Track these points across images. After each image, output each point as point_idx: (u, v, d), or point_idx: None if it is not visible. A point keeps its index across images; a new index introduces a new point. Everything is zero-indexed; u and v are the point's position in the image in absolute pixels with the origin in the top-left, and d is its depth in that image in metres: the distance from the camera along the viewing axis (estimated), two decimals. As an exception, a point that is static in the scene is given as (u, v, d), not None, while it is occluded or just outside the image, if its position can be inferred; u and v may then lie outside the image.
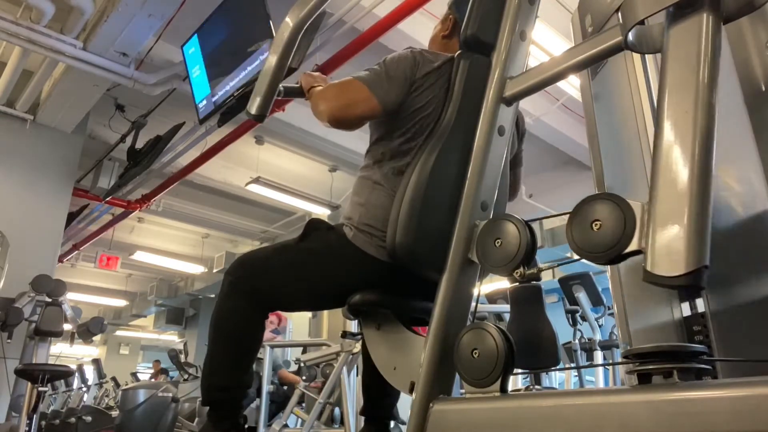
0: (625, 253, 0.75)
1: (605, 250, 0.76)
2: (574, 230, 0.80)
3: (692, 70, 0.75)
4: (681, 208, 0.70)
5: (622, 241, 0.75)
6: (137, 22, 3.91)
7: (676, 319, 1.05)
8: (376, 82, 1.30)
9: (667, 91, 0.76)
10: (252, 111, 1.36)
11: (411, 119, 1.33)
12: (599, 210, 0.78)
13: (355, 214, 1.35)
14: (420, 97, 1.32)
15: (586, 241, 0.78)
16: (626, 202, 0.76)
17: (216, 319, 1.38)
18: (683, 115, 0.74)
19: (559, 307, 4.38)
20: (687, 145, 0.72)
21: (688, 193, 0.70)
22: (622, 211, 0.76)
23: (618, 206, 0.76)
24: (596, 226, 0.77)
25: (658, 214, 0.72)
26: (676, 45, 0.78)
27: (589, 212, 0.79)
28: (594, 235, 0.77)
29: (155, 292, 11.81)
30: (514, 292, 2.50)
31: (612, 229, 0.76)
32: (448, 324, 1.02)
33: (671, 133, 0.74)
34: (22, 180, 5.32)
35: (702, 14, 0.76)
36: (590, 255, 0.78)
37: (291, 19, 1.32)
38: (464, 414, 0.91)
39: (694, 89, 0.74)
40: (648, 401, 0.68)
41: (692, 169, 0.71)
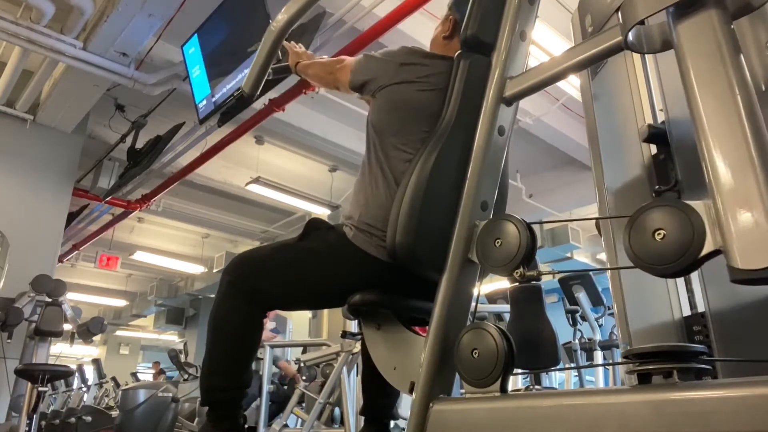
0: (702, 257, 0.70)
1: (676, 259, 0.71)
2: (634, 243, 0.74)
3: (717, 60, 0.74)
4: (751, 197, 0.67)
5: (694, 245, 0.70)
6: (137, 22, 3.91)
7: (676, 319, 1.05)
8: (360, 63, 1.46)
9: (696, 86, 0.75)
10: (246, 89, 1.58)
11: (411, 119, 1.33)
12: (659, 218, 0.73)
13: (355, 214, 1.35)
14: (420, 96, 1.33)
15: (650, 253, 0.73)
16: (687, 205, 0.72)
17: (214, 319, 1.38)
18: (723, 104, 0.72)
19: (559, 307, 4.38)
20: (736, 133, 0.70)
21: (755, 181, 0.67)
22: (686, 214, 0.71)
23: (680, 210, 0.72)
24: (659, 236, 0.73)
25: (732, 209, 0.69)
26: (691, 41, 0.77)
27: (648, 223, 0.74)
28: (659, 246, 0.72)
29: (155, 292, 11.81)
30: (514, 292, 2.50)
31: (680, 236, 0.71)
32: (448, 324, 1.02)
33: (716, 125, 0.72)
34: (22, 180, 5.33)
35: (710, 10, 0.76)
36: (658, 268, 0.73)
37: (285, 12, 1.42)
38: (464, 414, 0.90)
39: (725, 78, 0.72)
40: (648, 401, 0.68)
41: (750, 156, 0.68)
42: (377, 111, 1.40)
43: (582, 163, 6.01)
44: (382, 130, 1.39)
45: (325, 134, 5.84)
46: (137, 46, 4.29)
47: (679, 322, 1.05)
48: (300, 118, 5.49)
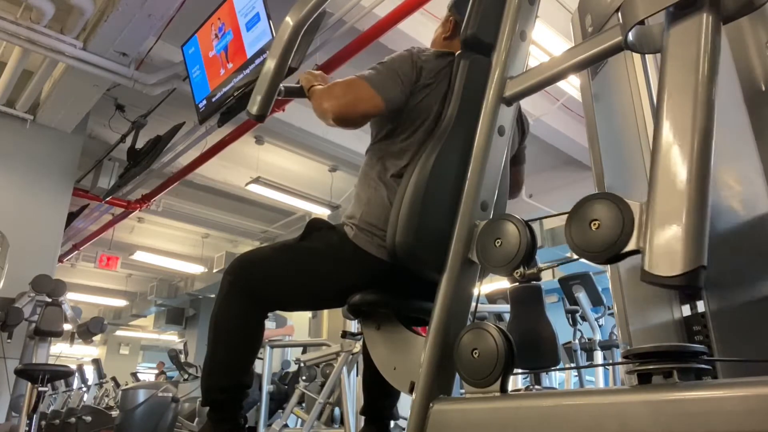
0: (623, 252, 0.75)
1: (603, 250, 0.76)
2: (573, 230, 0.80)
3: (691, 70, 0.75)
4: (679, 208, 0.70)
5: (620, 240, 0.75)
6: (137, 22, 3.90)
7: (676, 319, 1.05)
8: (379, 80, 1.30)
9: (666, 91, 0.76)
10: (252, 111, 1.37)
11: (412, 119, 1.33)
12: (598, 209, 0.78)
13: (356, 214, 1.35)
14: (421, 96, 1.33)
15: (584, 240, 0.78)
16: (625, 202, 0.76)
17: (215, 320, 1.38)
18: (682, 115, 0.74)
19: (559, 307, 4.38)
20: (686, 144, 0.72)
21: (687, 193, 0.70)
22: (621, 210, 0.76)
23: (616, 206, 0.76)
24: (594, 226, 0.78)
25: (657, 214, 0.72)
26: (676, 45, 0.78)
27: (588, 212, 0.79)
28: (592, 235, 0.78)
29: (155, 292, 11.80)
30: (514, 292, 2.50)
31: (610, 228, 0.76)
32: (448, 324, 1.02)
33: (670, 133, 0.74)
34: (22, 180, 5.32)
35: (702, 14, 0.76)
36: (588, 254, 0.78)
37: (291, 19, 1.32)
38: (464, 414, 0.91)
39: (693, 89, 0.74)
40: (648, 401, 0.68)
41: (691, 169, 0.71)
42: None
43: (582, 163, 6.00)
44: (383, 130, 1.39)
45: (325, 134, 5.84)
46: (137, 46, 4.29)
47: (679, 322, 1.05)
48: (300, 118, 5.49)
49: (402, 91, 1.32)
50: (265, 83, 1.35)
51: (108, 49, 4.22)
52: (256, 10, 3.53)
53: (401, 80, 1.32)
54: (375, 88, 1.29)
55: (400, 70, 1.32)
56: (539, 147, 5.61)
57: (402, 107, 1.33)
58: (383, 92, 1.29)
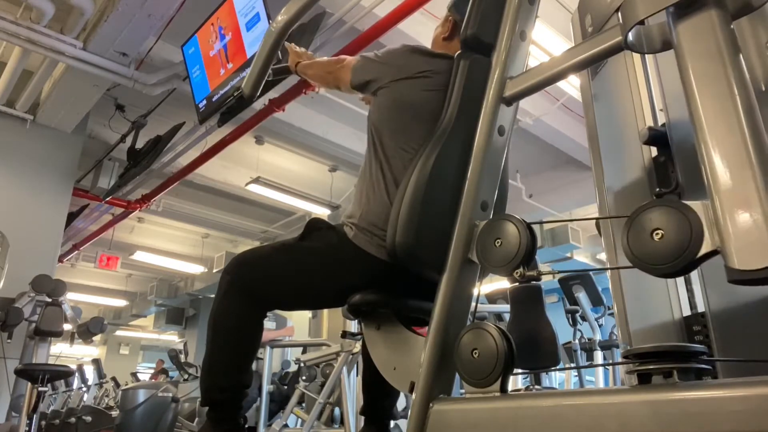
0: (699, 257, 0.70)
1: (675, 260, 0.71)
2: (633, 243, 0.74)
3: (717, 60, 0.74)
4: (750, 197, 0.67)
5: (692, 246, 0.70)
6: (137, 22, 3.91)
7: (676, 319, 1.05)
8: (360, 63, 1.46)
9: (695, 84, 0.75)
10: (246, 90, 1.59)
11: (411, 119, 1.33)
12: (657, 219, 0.73)
13: (356, 213, 1.35)
14: (420, 96, 1.33)
15: (648, 253, 0.73)
16: (686, 206, 0.72)
17: (214, 319, 1.38)
18: (722, 103, 0.72)
19: (559, 307, 4.38)
20: (735, 134, 0.70)
21: (753, 180, 0.67)
22: (684, 215, 0.72)
23: (678, 211, 0.72)
24: (657, 236, 0.73)
25: (728, 209, 0.68)
26: (691, 41, 0.77)
27: (647, 222, 0.74)
28: (657, 246, 0.73)
29: (155, 292, 11.80)
30: (514, 292, 2.50)
31: (677, 236, 0.71)
32: (448, 324, 1.02)
33: (716, 125, 0.72)
34: (22, 180, 5.32)
35: (710, 11, 0.76)
36: (656, 268, 0.73)
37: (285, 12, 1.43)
38: (464, 414, 0.90)
39: (725, 78, 0.72)
40: (648, 401, 0.68)
41: (749, 158, 0.68)
42: (378, 110, 1.40)
43: (582, 163, 6.01)
44: (383, 130, 1.39)
45: (325, 134, 5.84)
46: (137, 46, 4.29)
47: (679, 322, 1.05)
48: (300, 118, 5.49)
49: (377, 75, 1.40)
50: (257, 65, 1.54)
51: (108, 49, 4.23)
52: (256, 10, 3.53)
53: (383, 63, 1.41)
54: (352, 74, 1.46)
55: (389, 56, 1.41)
56: (539, 147, 5.61)
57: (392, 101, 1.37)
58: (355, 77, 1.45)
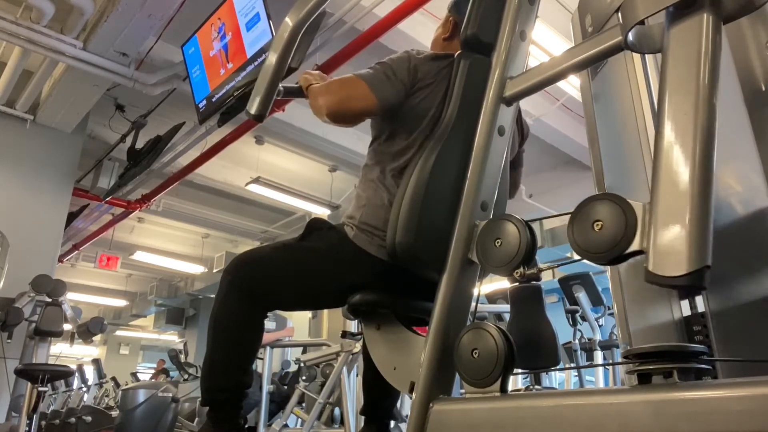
0: (627, 253, 0.74)
1: (606, 251, 0.76)
2: (576, 230, 0.80)
3: (692, 70, 0.75)
4: (682, 208, 0.70)
5: (623, 241, 0.75)
6: (137, 22, 3.90)
7: (676, 319, 1.05)
8: (375, 79, 1.31)
9: (667, 91, 0.76)
10: (251, 111, 1.36)
11: (411, 119, 1.33)
12: (600, 210, 0.78)
13: (356, 214, 1.35)
14: (420, 97, 1.33)
15: (587, 241, 0.78)
16: (627, 203, 0.76)
17: (215, 319, 1.38)
18: (683, 115, 0.74)
19: (559, 307, 4.38)
20: (688, 145, 0.72)
21: (690, 193, 0.70)
22: (624, 211, 0.76)
23: (619, 206, 0.76)
24: (597, 227, 0.77)
25: (660, 214, 0.71)
26: (676, 45, 0.78)
27: (591, 212, 0.78)
28: (595, 236, 0.77)
29: (155, 292, 11.80)
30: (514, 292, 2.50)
31: (613, 229, 0.76)
32: (448, 324, 1.02)
33: (672, 133, 0.74)
34: (22, 180, 5.32)
35: (702, 14, 0.76)
36: (591, 255, 0.78)
37: (291, 19, 1.32)
38: (464, 414, 0.90)
39: (695, 89, 0.74)
40: (648, 401, 0.68)
41: (693, 169, 0.70)
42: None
43: (582, 163, 6.00)
44: (384, 130, 1.39)
45: (325, 134, 5.84)
46: (137, 46, 4.29)
47: (679, 322, 1.05)
48: (300, 118, 5.49)
49: (397, 91, 1.31)
50: (264, 83, 1.34)
51: (108, 49, 4.22)
52: (256, 10, 3.53)
53: (397, 81, 1.31)
54: (370, 87, 1.29)
55: (397, 71, 1.32)
56: (539, 147, 5.61)
57: (396, 108, 1.33)
58: (378, 92, 1.29)
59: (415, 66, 1.34)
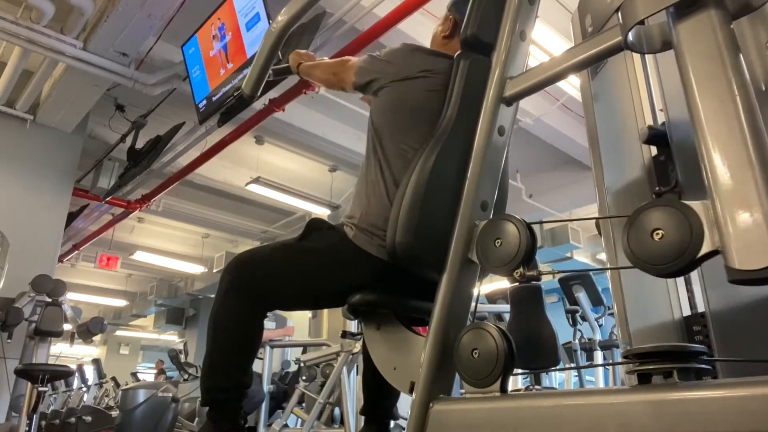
0: (700, 257, 0.70)
1: (674, 259, 0.71)
2: (633, 243, 0.74)
3: (716, 60, 0.74)
4: (750, 198, 0.67)
5: (692, 246, 0.70)
6: (137, 22, 3.90)
7: (676, 319, 1.05)
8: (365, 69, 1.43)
9: (695, 84, 0.75)
10: (246, 90, 1.57)
11: (411, 119, 1.33)
12: (657, 218, 0.73)
13: (356, 214, 1.35)
14: (421, 96, 1.33)
15: (649, 253, 0.73)
16: (685, 205, 0.72)
17: (214, 319, 1.38)
18: (721, 105, 0.72)
19: (559, 307, 4.38)
20: (735, 134, 0.70)
21: (753, 180, 0.67)
22: (684, 215, 0.71)
23: (678, 211, 0.72)
24: (657, 236, 0.73)
25: (729, 209, 0.68)
26: (691, 41, 0.77)
27: (647, 222, 0.74)
28: (657, 246, 0.72)
29: (155, 292, 11.80)
30: (514, 292, 2.50)
31: (677, 235, 0.71)
32: (448, 324, 1.02)
33: (716, 124, 0.72)
34: (22, 180, 5.32)
35: (709, 11, 0.76)
36: (656, 268, 0.73)
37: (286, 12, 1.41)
38: (464, 414, 0.90)
39: (725, 79, 0.72)
40: (648, 401, 0.68)
41: (749, 157, 0.68)
42: (378, 110, 1.40)
43: (582, 163, 6.00)
44: (383, 130, 1.39)
45: (325, 134, 5.84)
46: (137, 46, 4.29)
47: (679, 322, 1.05)
48: (300, 118, 5.49)
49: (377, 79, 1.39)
50: (257, 65, 1.53)
51: (108, 49, 4.22)
52: (256, 10, 3.53)
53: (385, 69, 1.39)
54: (356, 75, 1.44)
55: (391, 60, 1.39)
56: (539, 147, 5.61)
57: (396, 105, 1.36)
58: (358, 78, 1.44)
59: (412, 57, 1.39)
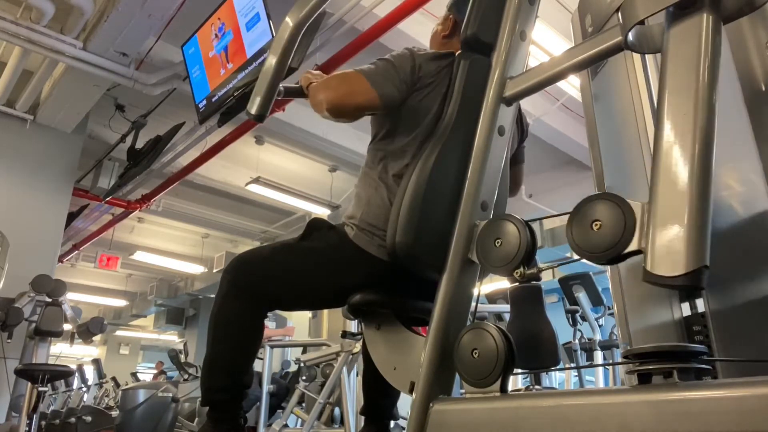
0: (625, 253, 0.74)
1: (605, 250, 0.76)
2: (574, 230, 0.80)
3: (692, 70, 0.75)
4: (681, 208, 0.70)
5: (621, 241, 0.75)
6: (137, 22, 3.90)
7: (676, 319, 1.05)
8: (377, 75, 1.30)
9: (667, 91, 0.76)
10: (252, 111, 1.35)
11: (412, 119, 1.33)
12: (599, 210, 0.78)
13: (356, 214, 1.35)
14: (420, 96, 1.33)
15: (586, 241, 0.78)
16: (626, 202, 0.76)
17: (215, 319, 1.38)
18: (683, 115, 0.74)
19: (559, 307, 4.38)
20: (687, 145, 0.72)
21: (688, 193, 0.70)
22: (622, 210, 0.76)
23: (618, 206, 0.76)
24: (596, 226, 0.77)
25: (658, 214, 0.72)
26: (676, 45, 0.78)
27: (589, 212, 0.79)
28: (594, 235, 0.77)
29: (155, 292, 11.80)
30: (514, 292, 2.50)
31: (612, 229, 0.76)
32: (448, 324, 1.02)
33: (671, 134, 0.74)
34: (22, 180, 5.32)
35: (702, 14, 0.76)
36: (590, 255, 0.78)
37: (291, 19, 1.32)
38: (464, 414, 0.90)
39: (694, 90, 0.74)
40: (648, 401, 0.68)
41: (692, 169, 0.71)
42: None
43: (582, 163, 6.00)
44: (384, 130, 1.39)
45: (325, 134, 5.84)
46: (137, 46, 4.29)
47: (679, 322, 1.05)
48: (300, 118, 5.49)
49: (398, 89, 1.31)
50: (264, 83, 1.33)
51: (108, 49, 4.22)
52: (256, 10, 3.53)
53: (399, 78, 1.31)
54: (371, 82, 1.29)
55: (399, 68, 1.32)
56: (539, 147, 5.61)
57: (397, 105, 1.33)
58: (379, 87, 1.29)
59: (419, 64, 1.33)
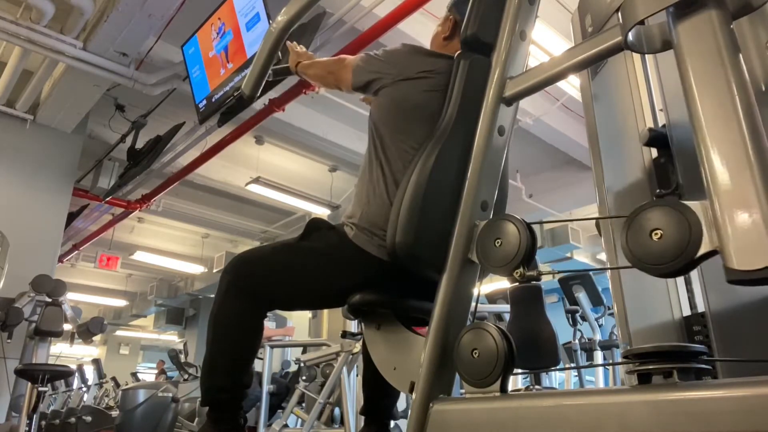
0: (699, 257, 0.70)
1: (673, 259, 0.71)
2: (631, 244, 0.74)
3: (716, 61, 0.74)
4: (750, 199, 0.67)
5: (691, 246, 0.70)
6: (137, 22, 3.91)
7: (676, 319, 1.05)
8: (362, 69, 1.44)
9: (694, 85, 0.75)
10: (246, 91, 1.59)
11: (411, 119, 1.33)
12: (656, 218, 0.73)
13: (356, 213, 1.35)
14: (421, 96, 1.33)
15: (648, 254, 0.73)
16: (684, 205, 0.72)
17: (214, 319, 1.38)
18: (721, 106, 0.72)
19: (559, 307, 4.38)
20: (734, 134, 0.70)
21: (752, 182, 0.67)
22: (683, 215, 0.71)
23: (677, 211, 0.72)
24: (656, 236, 0.72)
25: (728, 210, 0.68)
26: (691, 40, 0.77)
27: (646, 222, 0.74)
28: (656, 246, 0.72)
29: (155, 292, 11.80)
30: (514, 292, 2.50)
31: (676, 235, 0.71)
32: (448, 324, 1.02)
33: (714, 126, 0.72)
34: (22, 180, 5.32)
35: (710, 11, 0.76)
36: (655, 268, 0.73)
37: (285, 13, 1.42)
38: (464, 414, 0.90)
39: (724, 79, 0.72)
40: (648, 401, 0.68)
41: (748, 157, 0.68)
42: (379, 110, 1.40)
43: (582, 163, 6.00)
44: (384, 130, 1.39)
45: (325, 134, 5.84)
46: (137, 46, 4.29)
47: (679, 322, 1.05)
48: (300, 118, 5.49)
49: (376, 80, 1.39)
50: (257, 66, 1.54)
51: (108, 49, 4.23)
52: (256, 10, 3.53)
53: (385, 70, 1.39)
54: (353, 75, 1.45)
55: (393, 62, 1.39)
56: (539, 147, 5.61)
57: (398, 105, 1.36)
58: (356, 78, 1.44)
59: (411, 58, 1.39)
